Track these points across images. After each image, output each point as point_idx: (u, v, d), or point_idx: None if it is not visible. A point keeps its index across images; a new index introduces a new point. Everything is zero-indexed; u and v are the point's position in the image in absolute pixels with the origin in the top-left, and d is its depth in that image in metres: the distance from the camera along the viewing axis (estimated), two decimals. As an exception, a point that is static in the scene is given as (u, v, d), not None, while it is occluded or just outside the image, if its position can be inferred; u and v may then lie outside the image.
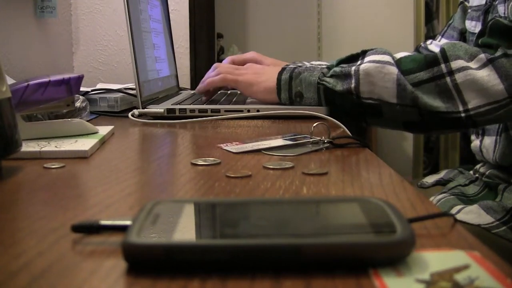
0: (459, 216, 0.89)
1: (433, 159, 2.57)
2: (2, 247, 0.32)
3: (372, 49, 0.90)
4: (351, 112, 0.87)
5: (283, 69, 0.92)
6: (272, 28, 2.58)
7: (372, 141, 2.43)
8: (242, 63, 1.05)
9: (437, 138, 2.53)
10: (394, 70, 0.83)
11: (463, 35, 1.07)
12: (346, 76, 0.85)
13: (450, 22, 1.13)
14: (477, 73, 0.80)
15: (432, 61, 0.83)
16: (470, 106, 0.80)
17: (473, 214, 0.89)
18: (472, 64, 0.81)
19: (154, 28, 1.14)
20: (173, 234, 0.29)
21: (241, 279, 0.27)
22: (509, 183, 0.95)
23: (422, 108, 0.81)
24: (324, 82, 0.87)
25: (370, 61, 0.85)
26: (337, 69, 0.87)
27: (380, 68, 0.83)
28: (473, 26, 1.00)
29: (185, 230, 0.31)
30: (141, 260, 0.28)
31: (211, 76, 1.00)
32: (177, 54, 1.41)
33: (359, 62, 0.86)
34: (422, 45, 1.15)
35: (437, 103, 0.81)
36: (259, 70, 0.96)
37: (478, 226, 0.87)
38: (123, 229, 0.32)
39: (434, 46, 1.11)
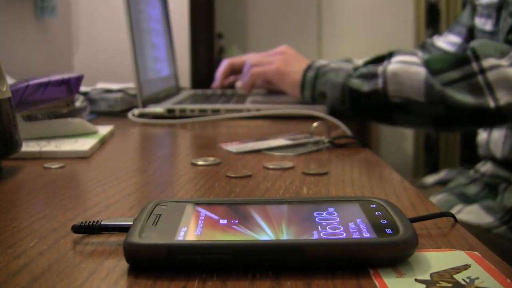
0: (459, 216, 0.89)
1: (433, 159, 2.57)
2: (2, 247, 0.32)
3: (399, 50, 0.90)
4: (377, 113, 0.87)
5: (309, 66, 0.93)
6: (272, 28, 2.58)
7: (372, 141, 2.43)
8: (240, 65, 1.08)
9: (437, 138, 2.53)
10: (421, 70, 0.83)
11: (471, 32, 1.06)
12: (372, 76, 0.85)
13: (458, 18, 1.13)
14: (510, 70, 0.80)
15: (462, 60, 0.83)
16: (501, 102, 0.80)
17: (473, 214, 0.89)
18: (504, 62, 0.81)
19: (154, 28, 1.14)
20: (175, 234, 0.29)
21: (241, 279, 0.27)
22: (509, 182, 0.95)
23: (451, 105, 0.81)
24: (350, 84, 0.87)
25: (397, 62, 0.85)
26: (363, 70, 0.87)
27: (407, 68, 0.83)
28: (483, 24, 0.99)
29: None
30: (143, 260, 0.28)
31: (245, 73, 1.02)
32: (177, 54, 1.41)
33: (385, 63, 0.86)
34: (428, 41, 1.15)
35: (467, 100, 0.81)
36: (289, 58, 0.97)
37: (478, 226, 0.87)
38: (124, 229, 0.32)
39: (442, 42, 1.11)
